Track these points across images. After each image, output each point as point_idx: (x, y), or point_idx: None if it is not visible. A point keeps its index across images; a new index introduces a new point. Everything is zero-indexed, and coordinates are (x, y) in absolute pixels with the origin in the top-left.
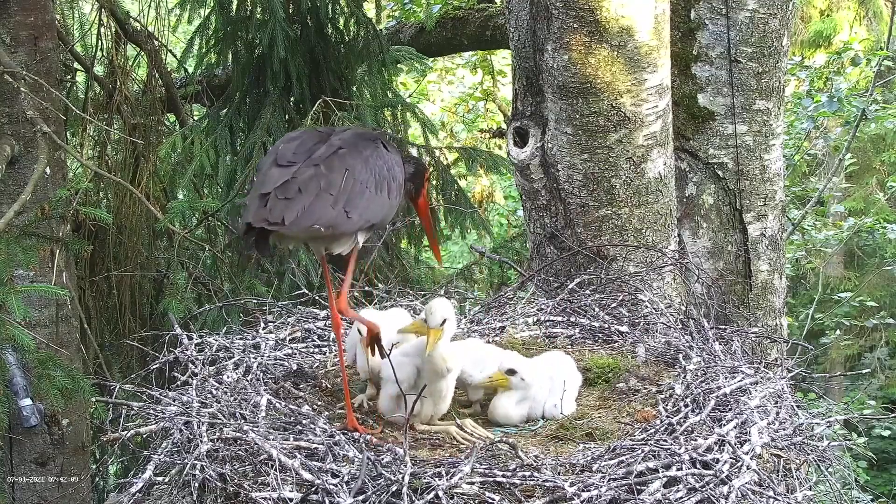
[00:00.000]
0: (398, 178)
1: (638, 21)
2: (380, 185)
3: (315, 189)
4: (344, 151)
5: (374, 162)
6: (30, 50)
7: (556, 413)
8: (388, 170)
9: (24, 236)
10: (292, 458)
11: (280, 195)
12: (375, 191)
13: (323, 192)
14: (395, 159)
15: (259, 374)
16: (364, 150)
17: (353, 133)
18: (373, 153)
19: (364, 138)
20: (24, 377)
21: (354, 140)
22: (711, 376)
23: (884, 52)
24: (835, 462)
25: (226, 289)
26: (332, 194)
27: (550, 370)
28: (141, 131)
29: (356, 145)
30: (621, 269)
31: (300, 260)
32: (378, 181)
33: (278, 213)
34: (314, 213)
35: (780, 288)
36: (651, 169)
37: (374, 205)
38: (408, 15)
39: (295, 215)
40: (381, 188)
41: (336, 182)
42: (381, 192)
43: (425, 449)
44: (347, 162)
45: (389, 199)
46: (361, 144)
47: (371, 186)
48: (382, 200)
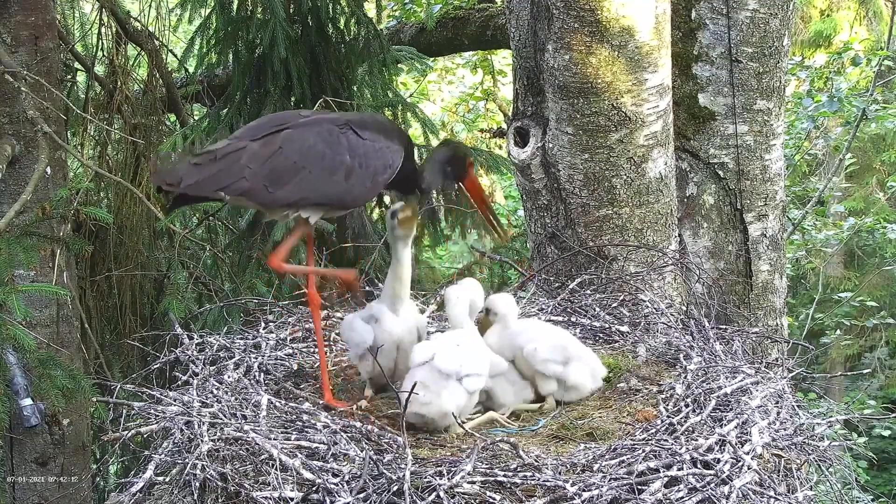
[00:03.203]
0: (371, 165)
1: (639, 21)
2: (332, 167)
3: (231, 160)
4: (293, 133)
5: (329, 146)
6: (30, 50)
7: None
8: (355, 156)
9: (25, 236)
10: (293, 457)
11: (194, 161)
12: (322, 172)
13: (240, 165)
14: (375, 146)
15: (259, 374)
16: (324, 134)
17: (323, 118)
18: (334, 138)
19: (333, 124)
20: (25, 377)
21: (318, 124)
22: (712, 376)
23: (884, 52)
24: (835, 462)
25: (226, 289)
26: (250, 167)
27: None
28: (141, 131)
29: (315, 129)
30: (622, 269)
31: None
32: (331, 164)
33: (177, 176)
34: (220, 181)
35: (780, 288)
36: (652, 169)
37: (313, 185)
38: (408, 15)
39: (193, 181)
40: (332, 171)
41: (261, 156)
42: (333, 174)
43: (426, 448)
44: (290, 142)
45: (347, 182)
46: (324, 129)
47: (314, 168)
48: (332, 182)
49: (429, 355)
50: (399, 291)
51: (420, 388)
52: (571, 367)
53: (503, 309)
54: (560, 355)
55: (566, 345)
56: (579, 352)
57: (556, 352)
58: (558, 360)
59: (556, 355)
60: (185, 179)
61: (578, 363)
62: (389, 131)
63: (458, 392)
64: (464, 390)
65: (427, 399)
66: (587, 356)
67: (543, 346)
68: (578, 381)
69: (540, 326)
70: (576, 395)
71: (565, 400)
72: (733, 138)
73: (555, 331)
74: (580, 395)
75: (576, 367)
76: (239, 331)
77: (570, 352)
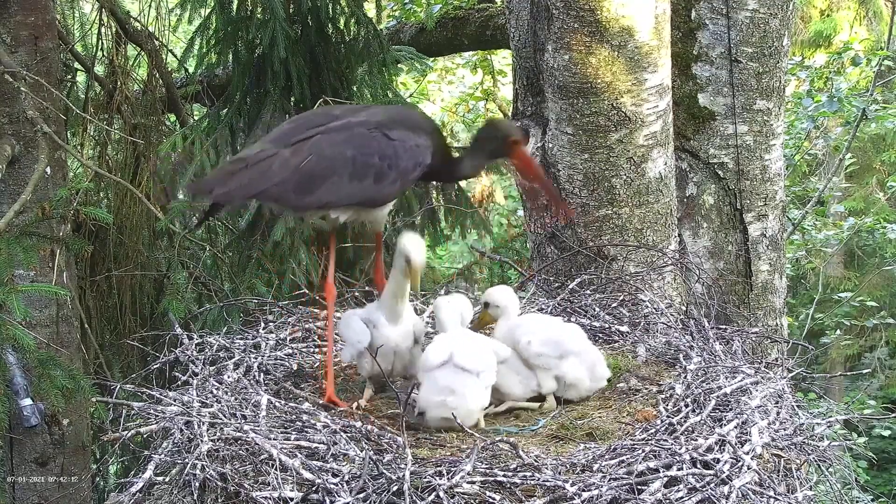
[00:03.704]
0: (401, 165)
1: (638, 21)
2: (362, 173)
3: (263, 168)
4: (322, 139)
5: (359, 151)
6: (30, 50)
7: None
8: (384, 157)
9: (25, 236)
10: (293, 457)
11: (227, 169)
12: (351, 177)
13: (271, 172)
14: (405, 146)
15: (259, 374)
16: (354, 140)
17: (354, 122)
18: (364, 142)
19: (364, 127)
20: (25, 377)
21: (348, 129)
22: (712, 376)
23: (884, 52)
24: (835, 462)
25: (226, 289)
26: (280, 175)
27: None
28: (141, 131)
29: (345, 134)
30: (622, 268)
31: (300, 260)
32: (361, 170)
33: (210, 185)
34: (251, 189)
35: (780, 288)
36: (651, 169)
37: (343, 190)
38: (408, 15)
39: (226, 189)
40: (362, 176)
41: (291, 165)
42: (363, 178)
43: (425, 448)
44: (319, 150)
45: (377, 184)
46: (355, 133)
47: (343, 174)
48: (362, 186)
49: (446, 355)
50: (397, 308)
51: (446, 392)
52: (567, 362)
53: (503, 301)
54: (555, 350)
55: (562, 339)
56: (579, 347)
57: (550, 346)
58: (552, 354)
59: (550, 349)
60: (218, 188)
61: (575, 359)
62: (417, 127)
63: (480, 389)
64: (482, 385)
65: (455, 403)
66: (588, 353)
67: (537, 340)
68: (575, 378)
69: (539, 320)
70: (574, 393)
71: (565, 397)
72: (733, 138)
73: (554, 325)
74: (578, 393)
75: (572, 363)
76: (239, 331)
77: (566, 347)
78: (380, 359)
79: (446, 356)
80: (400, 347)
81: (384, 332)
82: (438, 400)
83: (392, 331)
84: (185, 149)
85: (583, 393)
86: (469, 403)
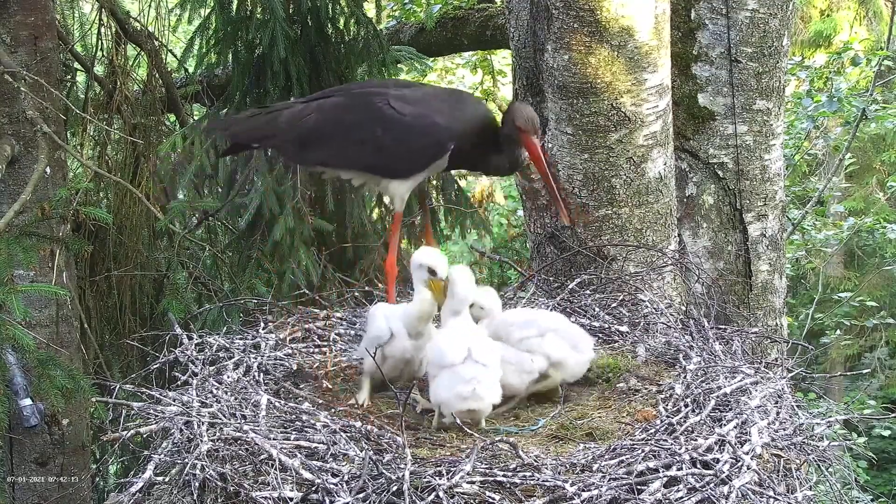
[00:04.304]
0: (410, 142)
1: (638, 21)
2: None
3: (273, 118)
4: (334, 101)
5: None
6: (30, 50)
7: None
8: (389, 131)
9: (25, 236)
10: (292, 457)
11: (248, 113)
12: (348, 141)
13: (277, 123)
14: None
15: (259, 374)
16: (360, 107)
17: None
18: (369, 113)
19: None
20: (25, 377)
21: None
22: (711, 376)
23: (884, 52)
24: (835, 462)
25: (226, 289)
26: (284, 127)
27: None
28: (141, 131)
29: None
30: (621, 269)
31: (300, 260)
32: (359, 136)
33: (227, 123)
34: (256, 135)
35: (780, 288)
36: (651, 169)
37: (339, 152)
38: (408, 15)
39: (236, 129)
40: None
41: (296, 119)
42: (362, 145)
43: (425, 448)
44: (324, 110)
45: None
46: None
47: (340, 136)
48: (361, 152)
49: (465, 353)
50: (420, 329)
51: (473, 383)
52: (547, 338)
53: (488, 304)
54: (533, 329)
55: (537, 318)
56: (556, 325)
57: (529, 326)
58: (533, 334)
59: (529, 331)
60: (232, 127)
61: (554, 335)
62: (444, 111)
63: (496, 382)
64: (497, 379)
65: (482, 392)
66: (566, 329)
67: (516, 325)
68: (560, 356)
69: (514, 312)
70: (566, 372)
71: (562, 380)
72: (733, 138)
73: (528, 310)
74: (569, 370)
75: (551, 339)
76: (238, 331)
77: (543, 325)
78: (389, 366)
79: (465, 354)
80: (412, 358)
81: (401, 342)
82: (464, 392)
83: (408, 342)
84: (185, 149)
85: (574, 369)
86: (490, 398)
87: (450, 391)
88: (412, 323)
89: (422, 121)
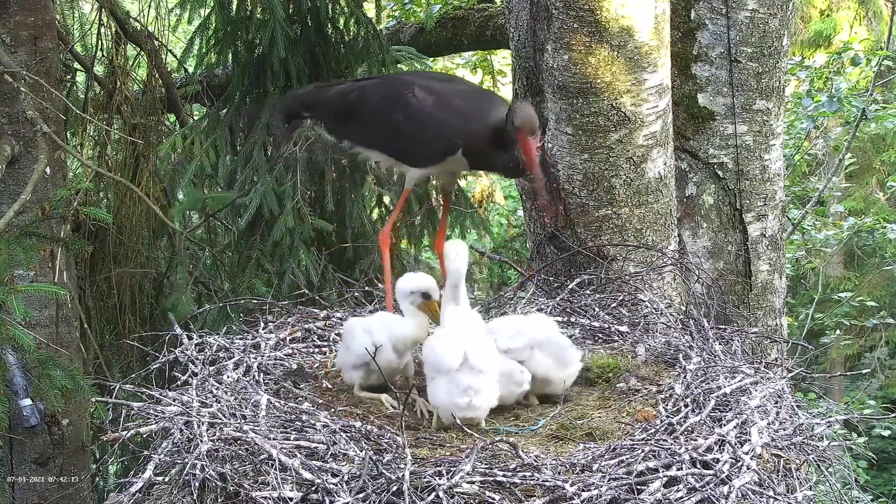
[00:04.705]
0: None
1: (638, 21)
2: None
3: (324, 93)
4: (373, 83)
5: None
6: (30, 50)
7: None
8: (409, 119)
9: (25, 236)
10: (292, 457)
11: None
12: (374, 124)
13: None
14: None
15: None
16: (389, 93)
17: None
18: (394, 100)
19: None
20: (25, 377)
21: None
22: (711, 376)
23: (884, 52)
24: (835, 462)
25: (226, 289)
26: (328, 102)
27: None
28: (141, 131)
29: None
30: (621, 269)
31: (300, 260)
32: (382, 120)
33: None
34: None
35: (780, 288)
36: (651, 169)
37: (367, 133)
38: (408, 15)
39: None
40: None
41: (339, 96)
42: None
43: (425, 448)
44: (362, 92)
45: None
46: (392, 88)
47: (367, 119)
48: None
49: (461, 358)
50: (412, 348)
51: (470, 394)
52: (533, 355)
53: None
54: (520, 342)
55: (523, 329)
56: (541, 335)
57: (517, 338)
58: (519, 346)
59: (517, 342)
60: (293, 95)
61: (538, 352)
62: (463, 110)
63: (494, 386)
64: (494, 382)
65: (478, 403)
66: (549, 340)
67: (504, 336)
68: (543, 373)
69: (501, 320)
70: (550, 389)
71: (547, 393)
72: (733, 138)
73: (515, 319)
74: (553, 387)
75: (536, 356)
76: (238, 331)
77: (528, 336)
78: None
79: (462, 358)
80: (398, 367)
81: (386, 356)
82: (460, 403)
83: (393, 355)
84: (185, 149)
85: (557, 387)
86: (489, 401)
87: (447, 399)
88: (406, 343)
89: (437, 115)
